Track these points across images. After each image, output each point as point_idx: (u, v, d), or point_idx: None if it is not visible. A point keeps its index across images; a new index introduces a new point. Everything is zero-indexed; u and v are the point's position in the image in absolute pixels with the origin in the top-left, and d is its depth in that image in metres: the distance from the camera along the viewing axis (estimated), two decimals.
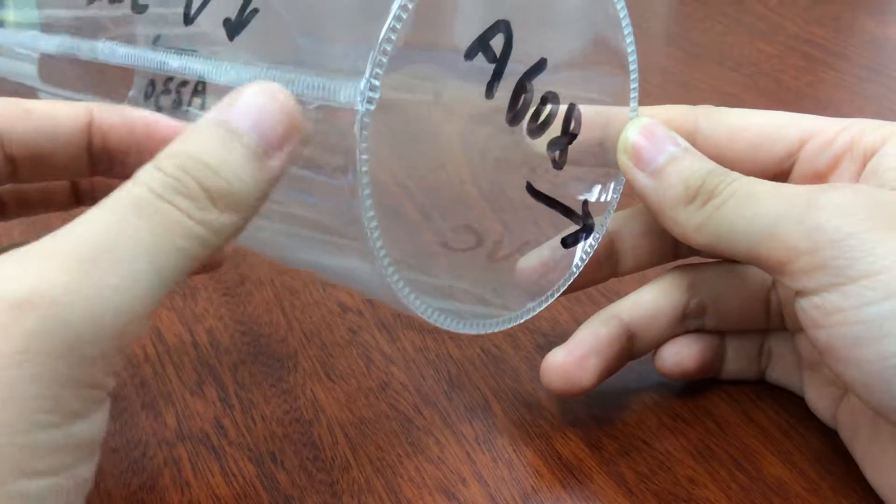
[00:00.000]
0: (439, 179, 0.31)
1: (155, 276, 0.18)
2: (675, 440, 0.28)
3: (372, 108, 0.20)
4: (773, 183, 0.24)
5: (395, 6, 0.20)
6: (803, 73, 0.59)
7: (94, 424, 0.18)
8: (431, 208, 0.30)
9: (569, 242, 0.28)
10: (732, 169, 0.26)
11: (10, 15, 0.37)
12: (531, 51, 0.26)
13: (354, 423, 0.28)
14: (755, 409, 0.29)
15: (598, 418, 0.29)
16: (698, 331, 0.29)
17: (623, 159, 0.26)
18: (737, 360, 0.30)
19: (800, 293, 0.23)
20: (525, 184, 0.29)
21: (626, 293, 0.29)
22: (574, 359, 0.27)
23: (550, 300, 0.28)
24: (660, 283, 0.29)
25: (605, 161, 0.28)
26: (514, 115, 0.27)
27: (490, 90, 0.26)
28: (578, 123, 0.28)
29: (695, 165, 0.25)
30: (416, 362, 0.31)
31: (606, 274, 0.30)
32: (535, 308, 0.27)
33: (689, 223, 0.25)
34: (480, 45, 0.24)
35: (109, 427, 0.28)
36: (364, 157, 0.21)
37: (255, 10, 0.24)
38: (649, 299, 0.28)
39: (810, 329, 0.23)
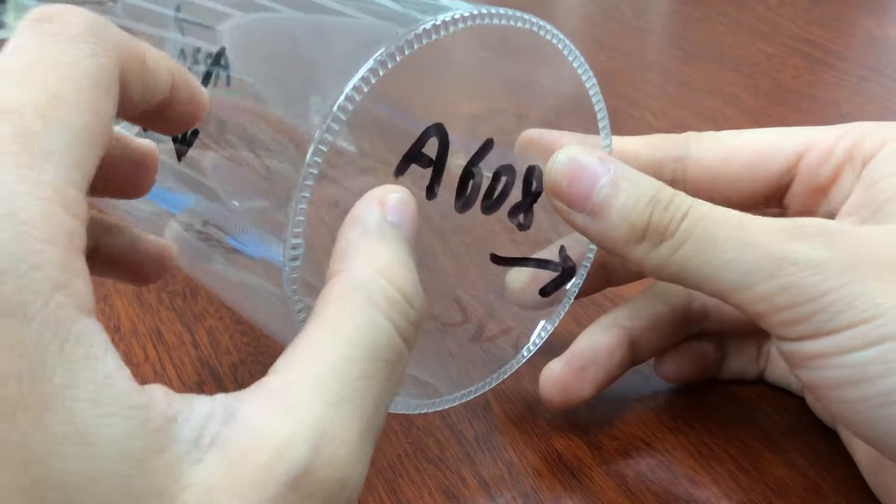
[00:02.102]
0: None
1: None
2: (675, 440, 0.28)
3: (297, 263, 0.20)
4: (735, 218, 0.22)
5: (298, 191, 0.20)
6: (803, 73, 0.59)
7: None
8: None
9: (548, 290, 0.28)
10: (729, 192, 0.25)
11: (11, 18, 0.37)
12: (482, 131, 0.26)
13: None
14: (755, 409, 0.29)
15: (598, 418, 0.29)
16: (699, 334, 0.29)
17: (555, 203, 0.24)
18: (736, 361, 0.30)
19: (778, 337, 0.22)
20: (489, 255, 0.28)
21: (628, 292, 0.29)
22: (572, 370, 0.27)
23: (486, 388, 0.27)
24: (660, 289, 0.28)
25: None
26: (463, 203, 0.26)
27: (431, 192, 0.25)
28: (541, 182, 0.26)
29: (633, 198, 0.23)
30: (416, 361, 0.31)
31: (599, 285, 0.30)
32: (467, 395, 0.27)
33: (646, 263, 0.23)
34: (411, 158, 0.23)
35: None
36: (298, 306, 0.21)
37: (196, 132, 0.24)
38: (650, 306, 0.28)
39: (791, 367, 0.23)
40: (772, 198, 0.27)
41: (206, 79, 0.23)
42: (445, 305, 0.30)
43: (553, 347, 0.29)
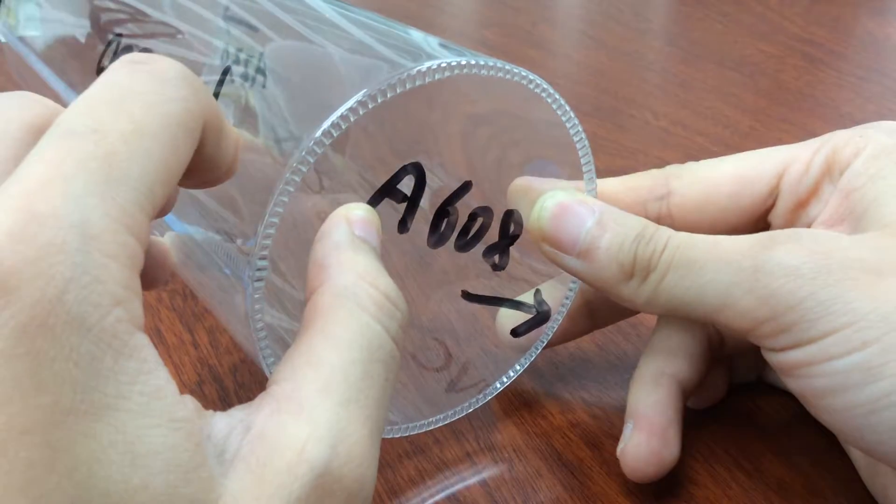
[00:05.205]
0: None
1: None
2: None
3: (261, 284, 0.21)
4: (710, 240, 0.23)
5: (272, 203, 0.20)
6: (803, 73, 0.59)
7: None
8: None
9: (520, 331, 0.28)
10: (716, 223, 0.25)
11: (11, 15, 0.37)
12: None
13: None
14: (755, 409, 0.29)
15: (598, 418, 0.29)
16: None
17: (544, 248, 0.24)
18: (736, 368, 0.30)
19: (765, 349, 0.22)
20: (460, 292, 0.28)
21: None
22: (658, 439, 0.25)
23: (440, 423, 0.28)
24: (679, 324, 0.27)
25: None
26: (436, 239, 0.26)
27: (404, 225, 0.25)
28: (519, 224, 0.27)
29: (620, 236, 0.23)
30: None
31: (584, 328, 0.29)
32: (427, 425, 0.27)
33: (636, 299, 0.24)
34: (385, 192, 0.23)
35: None
36: (259, 325, 0.21)
37: None
38: (679, 345, 0.26)
39: (781, 376, 0.23)
40: (760, 220, 0.27)
41: (244, 79, 0.24)
42: (427, 345, 0.30)
43: (552, 352, 0.29)
